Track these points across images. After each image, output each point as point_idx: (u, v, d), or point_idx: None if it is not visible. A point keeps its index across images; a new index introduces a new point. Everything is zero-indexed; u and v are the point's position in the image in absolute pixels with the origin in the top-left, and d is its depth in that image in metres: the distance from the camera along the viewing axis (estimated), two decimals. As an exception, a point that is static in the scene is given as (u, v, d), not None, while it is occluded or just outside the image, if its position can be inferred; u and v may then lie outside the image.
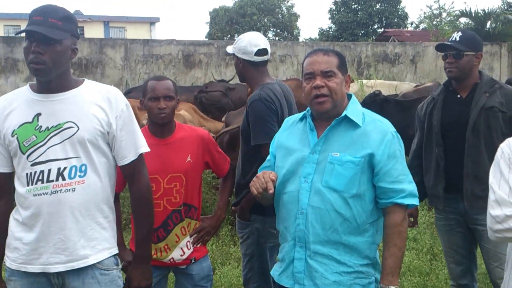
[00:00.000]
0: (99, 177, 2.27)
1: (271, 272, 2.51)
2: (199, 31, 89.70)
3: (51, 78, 2.21)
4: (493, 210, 2.07)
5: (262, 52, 3.33)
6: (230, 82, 9.83)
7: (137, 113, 7.38)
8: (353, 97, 2.43)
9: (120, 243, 2.84)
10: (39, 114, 2.21)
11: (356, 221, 2.26)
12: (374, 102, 6.82)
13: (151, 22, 31.60)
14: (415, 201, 2.30)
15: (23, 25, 2.27)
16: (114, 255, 2.35)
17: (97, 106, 2.25)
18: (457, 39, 3.31)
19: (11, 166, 2.27)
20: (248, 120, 3.18)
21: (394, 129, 2.34)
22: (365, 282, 2.30)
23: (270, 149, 2.55)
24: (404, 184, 2.27)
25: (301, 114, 2.48)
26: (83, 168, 2.22)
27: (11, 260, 2.26)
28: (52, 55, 2.15)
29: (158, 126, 2.90)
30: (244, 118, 3.24)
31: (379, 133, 2.28)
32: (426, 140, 3.46)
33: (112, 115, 2.28)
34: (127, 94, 9.35)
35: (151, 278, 2.53)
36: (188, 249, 2.93)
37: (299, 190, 2.29)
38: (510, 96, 3.25)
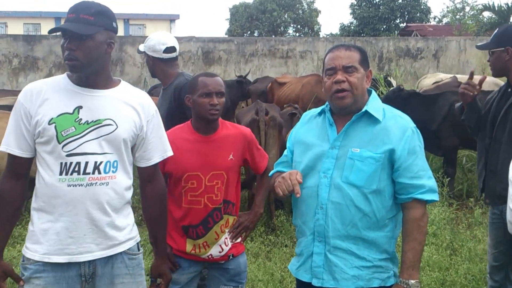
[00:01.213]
0: (127, 173, 2.37)
1: (289, 266, 2.52)
2: (219, 27, 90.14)
3: (89, 73, 2.26)
4: None
5: (170, 49, 3.73)
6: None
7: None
8: (373, 92, 2.42)
9: None
10: (80, 107, 2.25)
11: (376, 216, 2.26)
12: (399, 97, 6.77)
13: (171, 19, 31.78)
14: (434, 197, 2.29)
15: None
16: (138, 242, 2.48)
17: (133, 109, 2.35)
18: (491, 38, 3.41)
19: (34, 151, 2.29)
20: (178, 104, 3.51)
21: (414, 125, 2.33)
22: (384, 276, 2.31)
23: (288, 144, 2.55)
24: (423, 180, 2.27)
25: (319, 109, 2.48)
26: (115, 164, 2.30)
27: (33, 251, 2.26)
28: (84, 51, 2.19)
29: (204, 123, 2.88)
30: (172, 103, 3.54)
31: (399, 129, 2.27)
32: (482, 131, 3.53)
33: (145, 119, 2.38)
34: (151, 90, 9.40)
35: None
36: (227, 246, 2.92)
37: (319, 185, 2.30)
38: None
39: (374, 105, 2.33)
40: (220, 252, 2.91)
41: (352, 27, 30.53)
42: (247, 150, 2.98)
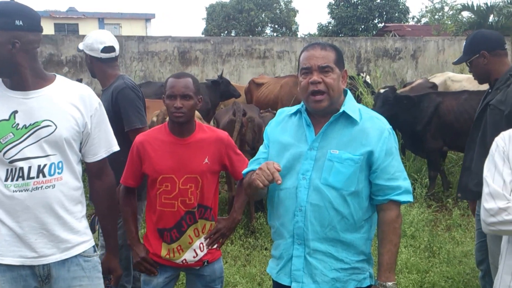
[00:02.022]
0: (74, 173, 2.33)
1: (267, 270, 2.51)
2: (195, 27, 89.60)
3: (3, 76, 2.21)
4: (487, 203, 2.11)
5: (108, 49, 3.62)
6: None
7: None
8: (349, 92, 2.41)
9: (136, 238, 2.95)
10: (15, 112, 2.21)
11: (353, 218, 2.26)
12: (394, 99, 6.81)
13: (147, 18, 31.48)
14: (409, 198, 2.31)
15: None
16: (94, 245, 2.46)
17: (73, 106, 2.29)
18: (463, 50, 3.47)
19: None
20: (115, 108, 3.44)
21: (390, 126, 2.34)
22: (360, 277, 2.32)
23: (264, 141, 2.52)
24: (400, 181, 2.28)
25: (294, 108, 2.45)
26: (60, 165, 2.27)
27: None
28: None
29: (177, 125, 2.84)
30: (109, 106, 3.44)
31: (377, 130, 2.27)
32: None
33: (87, 114, 2.33)
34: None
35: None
36: (201, 251, 2.90)
37: (297, 186, 2.28)
38: (510, 94, 3.21)
39: (351, 105, 2.32)
40: (194, 257, 2.89)
41: (330, 27, 30.62)
42: (225, 155, 2.93)
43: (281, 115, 2.49)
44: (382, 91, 6.80)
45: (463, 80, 8.41)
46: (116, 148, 2.51)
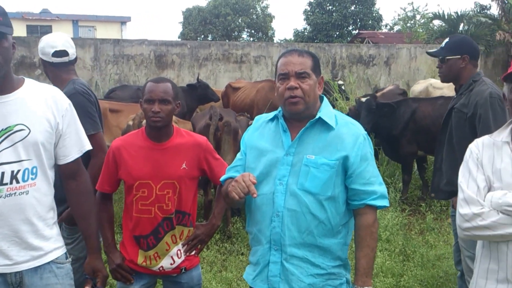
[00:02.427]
0: (47, 178, 2.30)
1: (244, 276, 2.49)
2: (172, 31, 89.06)
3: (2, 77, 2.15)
4: (462, 208, 2.14)
5: (60, 53, 3.47)
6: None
7: (107, 114, 7.23)
8: (325, 99, 2.43)
9: (112, 244, 2.89)
10: None
11: (330, 223, 2.27)
12: (376, 106, 6.86)
13: (122, 21, 31.13)
14: (385, 203, 2.33)
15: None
16: (66, 252, 2.42)
17: (45, 108, 2.26)
18: (443, 45, 3.53)
19: None
20: None
21: (365, 132, 2.37)
22: (336, 283, 2.32)
23: (241, 147, 2.52)
24: (375, 186, 2.30)
25: (272, 114, 2.46)
26: (34, 170, 2.23)
27: None
28: (2, 52, 2.10)
29: (154, 130, 2.81)
30: None
31: (352, 136, 2.29)
32: None
33: (59, 114, 2.29)
34: (110, 93, 9.15)
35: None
36: (179, 258, 2.87)
37: (274, 192, 2.28)
38: (473, 98, 3.36)
39: (327, 111, 2.34)
40: (171, 264, 2.86)
41: (306, 33, 30.83)
42: (203, 160, 2.90)
43: (259, 122, 2.50)
44: (363, 99, 6.84)
45: (445, 87, 8.55)
46: (89, 147, 2.46)
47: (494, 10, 24.26)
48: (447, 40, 3.57)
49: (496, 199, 2.06)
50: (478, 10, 20.69)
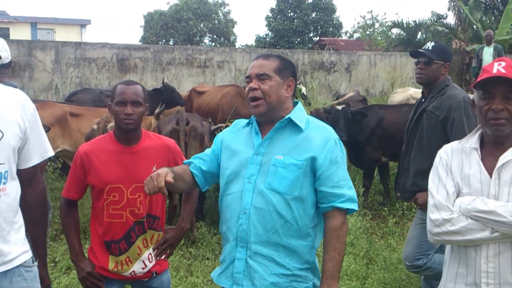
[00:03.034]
0: (15, 182, 2.28)
1: (211, 274, 2.51)
2: (133, 34, 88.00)
3: None
4: (432, 214, 2.17)
5: None
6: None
7: (67, 118, 7.09)
8: (299, 104, 2.48)
9: (80, 253, 2.84)
10: None
11: (298, 224, 2.29)
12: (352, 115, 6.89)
13: (82, 24, 30.60)
14: (354, 206, 2.35)
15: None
16: (32, 256, 2.40)
17: (15, 111, 2.23)
18: (430, 48, 3.56)
19: None
20: None
21: (337, 136, 2.39)
22: (302, 286, 2.34)
23: (213, 145, 2.57)
24: (344, 189, 2.32)
25: (248, 120, 2.52)
26: (6, 175, 2.20)
27: None
28: None
29: (124, 133, 2.78)
30: None
31: (322, 139, 2.32)
32: None
33: (26, 119, 2.27)
34: (71, 97, 8.97)
35: None
36: (150, 262, 2.85)
37: (243, 190, 2.32)
38: (446, 101, 3.45)
39: (299, 115, 2.38)
40: (143, 268, 2.84)
41: (268, 39, 31.00)
42: (173, 162, 2.90)
43: (236, 126, 2.56)
44: (339, 107, 6.86)
45: None
46: (51, 153, 2.43)
47: (451, 20, 25.07)
48: (433, 44, 3.62)
49: (465, 205, 2.11)
50: (435, 19, 21.34)
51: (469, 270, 2.15)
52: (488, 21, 18.43)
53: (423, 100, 3.68)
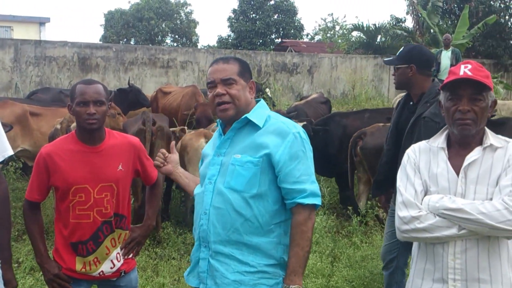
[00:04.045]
0: None
1: (184, 274, 2.55)
2: (93, 33, 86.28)
3: None
4: (401, 211, 2.22)
5: None
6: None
7: (28, 117, 6.95)
8: (262, 101, 2.49)
9: (46, 255, 2.79)
10: None
11: (258, 221, 2.30)
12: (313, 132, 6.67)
13: (41, 22, 29.82)
14: (316, 201, 2.32)
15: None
16: None
17: None
18: (397, 54, 3.68)
19: None
20: None
21: (299, 130, 2.36)
22: (272, 282, 2.34)
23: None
24: (306, 184, 2.30)
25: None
26: None
27: None
28: None
29: (87, 133, 2.74)
30: None
31: (279, 134, 2.32)
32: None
33: None
34: (31, 96, 8.76)
35: None
36: (118, 261, 2.83)
37: (204, 191, 2.36)
38: None
39: (257, 113, 2.39)
40: (111, 268, 2.83)
41: (230, 40, 30.98)
42: (138, 160, 2.91)
43: (214, 134, 2.59)
44: (300, 125, 6.80)
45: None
46: (10, 152, 2.40)
47: (409, 23, 25.66)
48: (401, 49, 3.73)
49: (433, 202, 2.16)
50: (394, 23, 21.78)
51: (436, 267, 2.20)
52: (445, 25, 18.99)
53: (411, 103, 3.69)
